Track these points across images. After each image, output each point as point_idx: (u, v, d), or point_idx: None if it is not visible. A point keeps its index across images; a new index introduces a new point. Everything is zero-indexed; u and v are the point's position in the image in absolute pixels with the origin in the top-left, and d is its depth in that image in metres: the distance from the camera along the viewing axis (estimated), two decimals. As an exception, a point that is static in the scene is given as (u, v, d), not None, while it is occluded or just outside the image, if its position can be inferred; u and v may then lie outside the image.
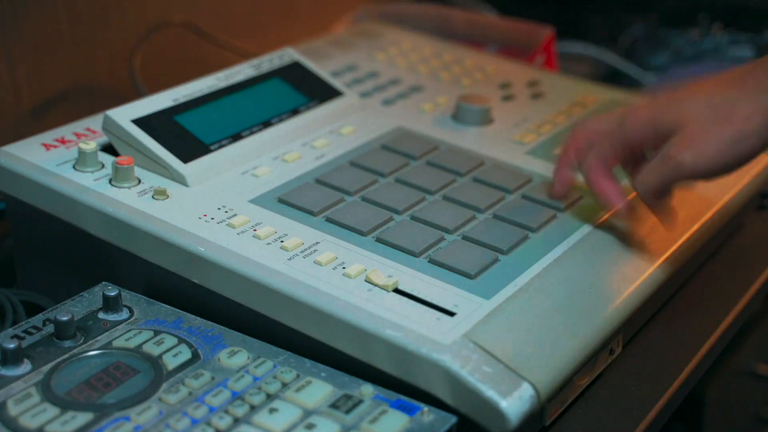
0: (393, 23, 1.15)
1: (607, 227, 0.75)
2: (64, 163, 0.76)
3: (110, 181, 0.74)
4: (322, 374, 0.63)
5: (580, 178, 0.75)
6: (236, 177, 0.77)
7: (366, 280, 0.66)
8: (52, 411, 0.58)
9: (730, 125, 0.65)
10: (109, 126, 0.77)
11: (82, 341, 0.64)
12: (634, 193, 0.72)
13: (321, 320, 0.65)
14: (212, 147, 0.78)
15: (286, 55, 0.90)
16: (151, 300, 0.69)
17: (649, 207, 0.72)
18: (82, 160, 0.75)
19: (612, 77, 1.27)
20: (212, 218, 0.72)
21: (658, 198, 0.71)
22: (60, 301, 0.69)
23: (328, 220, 0.73)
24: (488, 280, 0.68)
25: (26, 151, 0.77)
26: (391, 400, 0.61)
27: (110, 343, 0.64)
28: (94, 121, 0.81)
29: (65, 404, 0.58)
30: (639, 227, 0.76)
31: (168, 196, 0.73)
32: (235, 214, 0.72)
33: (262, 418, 0.58)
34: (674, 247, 0.75)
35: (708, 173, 0.67)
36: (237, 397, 0.60)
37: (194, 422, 0.58)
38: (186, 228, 0.70)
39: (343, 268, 0.68)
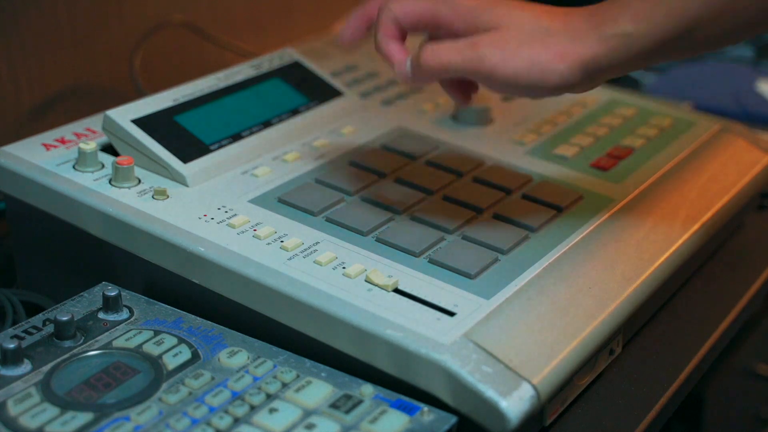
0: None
1: (607, 227, 0.75)
2: (64, 163, 0.76)
3: (110, 181, 0.74)
4: (322, 374, 0.63)
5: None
6: (236, 177, 0.77)
7: (366, 280, 0.66)
8: (52, 411, 0.58)
9: (546, 52, 0.63)
10: (109, 126, 0.77)
11: (82, 341, 0.64)
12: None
13: (321, 320, 0.65)
14: (212, 147, 0.78)
15: (286, 55, 0.90)
16: (151, 300, 0.69)
17: (422, 79, 0.68)
18: (82, 160, 0.75)
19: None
20: (212, 218, 0.72)
21: (436, 78, 0.68)
22: (60, 301, 0.69)
23: (328, 220, 0.73)
24: (488, 280, 0.68)
25: (26, 151, 0.77)
26: (391, 400, 0.61)
27: (110, 343, 0.64)
28: (94, 121, 0.81)
29: (65, 404, 0.59)
30: (639, 227, 0.76)
31: (168, 196, 0.73)
32: (235, 214, 0.72)
33: (262, 418, 0.58)
34: (674, 247, 0.75)
35: (504, 83, 0.64)
36: (237, 397, 0.60)
37: (194, 422, 0.58)
38: (186, 228, 0.70)
39: (343, 268, 0.68)
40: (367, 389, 0.61)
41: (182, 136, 0.77)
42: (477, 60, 0.64)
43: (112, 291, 0.67)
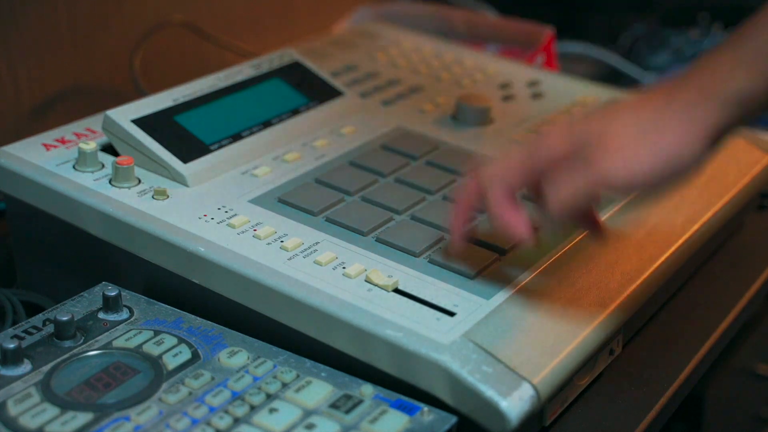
0: (393, 23, 1.15)
1: (607, 227, 0.75)
2: (64, 163, 0.76)
3: (110, 181, 0.74)
4: (322, 374, 0.63)
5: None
6: (236, 177, 0.77)
7: (366, 280, 0.66)
8: (52, 411, 0.58)
9: (663, 140, 0.59)
10: (109, 126, 0.77)
11: (82, 341, 0.64)
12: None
13: (321, 320, 0.65)
14: (212, 147, 0.78)
15: (286, 55, 0.90)
16: (151, 300, 0.69)
17: (567, 223, 0.65)
18: (82, 160, 0.75)
19: (612, 77, 1.27)
20: (212, 218, 0.72)
21: (575, 215, 0.64)
22: (60, 301, 0.69)
23: (328, 220, 0.73)
24: (488, 280, 0.68)
25: (26, 151, 0.77)
26: (391, 400, 0.61)
27: (110, 343, 0.64)
28: (94, 121, 0.81)
29: (65, 404, 0.58)
30: (639, 227, 0.76)
31: (168, 196, 0.73)
32: (235, 214, 0.72)
33: (262, 418, 0.58)
34: (674, 247, 0.75)
35: (636, 186, 0.61)
36: (237, 397, 0.60)
37: (194, 422, 0.58)
38: (186, 228, 0.70)
39: (343, 268, 0.68)
40: (367, 389, 0.61)
41: (182, 136, 0.77)
42: (600, 177, 0.60)
43: (112, 291, 0.67)
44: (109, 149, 0.78)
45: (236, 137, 0.80)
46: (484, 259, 0.70)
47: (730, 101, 0.59)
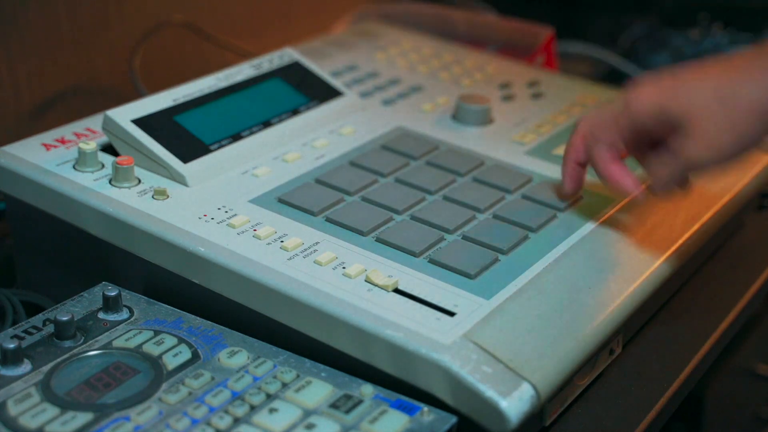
0: (393, 23, 1.15)
1: (607, 227, 0.75)
2: (64, 163, 0.76)
3: (110, 181, 0.74)
4: (322, 374, 0.63)
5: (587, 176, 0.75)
6: (236, 177, 0.77)
7: (366, 280, 0.66)
8: (52, 411, 0.58)
9: (739, 113, 0.64)
10: (109, 126, 0.77)
11: (82, 341, 0.64)
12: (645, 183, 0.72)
13: (321, 320, 0.65)
14: (212, 147, 0.78)
15: (286, 55, 0.90)
16: (151, 300, 0.69)
17: (666, 197, 0.73)
18: (82, 160, 0.75)
19: (612, 77, 1.27)
20: (212, 218, 0.72)
21: (672, 189, 0.70)
22: (60, 301, 0.69)
23: (328, 220, 0.73)
24: (488, 280, 0.68)
25: (26, 151, 0.77)
26: (391, 400, 0.61)
27: (110, 343, 0.64)
28: (94, 121, 0.81)
29: (65, 404, 0.58)
30: (639, 227, 0.76)
31: (168, 196, 0.73)
32: (235, 214, 0.72)
33: (262, 418, 0.58)
34: (674, 247, 0.75)
35: (720, 164, 0.67)
36: (237, 397, 0.60)
37: (194, 422, 0.58)
38: (186, 228, 0.70)
39: (343, 268, 0.68)
40: (367, 389, 0.61)
41: (182, 136, 0.77)
42: (687, 164, 0.67)
43: (112, 291, 0.67)
44: (109, 149, 0.78)
45: (236, 137, 0.80)
46: (485, 258, 0.70)
47: None
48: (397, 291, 0.66)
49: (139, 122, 0.77)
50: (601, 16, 1.46)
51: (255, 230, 0.71)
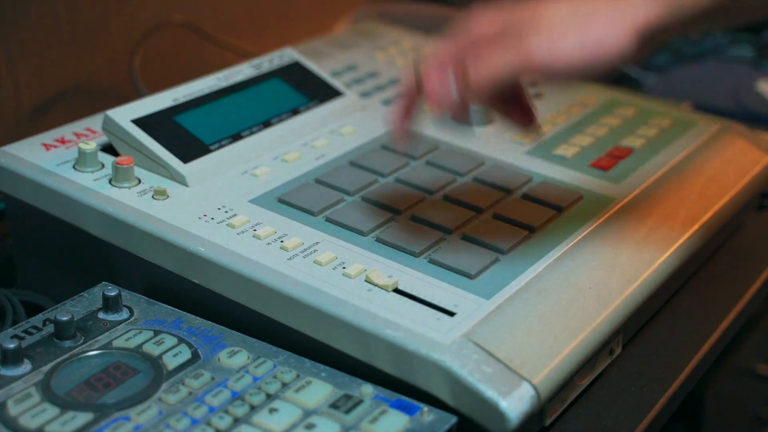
0: (393, 23, 1.15)
1: (607, 227, 0.75)
2: (64, 163, 0.76)
3: (110, 181, 0.74)
4: (322, 374, 0.63)
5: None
6: (236, 177, 0.77)
7: (366, 280, 0.66)
8: (52, 411, 0.58)
9: (591, 27, 0.61)
10: (109, 126, 0.77)
11: (82, 341, 0.64)
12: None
13: (321, 320, 0.65)
14: (212, 147, 0.78)
15: (286, 55, 0.90)
16: (151, 300, 0.69)
17: (489, 105, 0.66)
18: (82, 160, 0.75)
19: (612, 77, 1.27)
20: (212, 218, 0.72)
21: (494, 92, 0.63)
22: (60, 301, 0.69)
23: (328, 220, 0.73)
24: (488, 280, 0.68)
25: (26, 151, 0.77)
26: (391, 400, 0.61)
27: (110, 343, 0.64)
28: (94, 121, 0.81)
29: (65, 404, 0.58)
30: (639, 227, 0.76)
31: (168, 196, 0.73)
32: (235, 214, 0.72)
33: (262, 418, 0.58)
34: (674, 247, 0.75)
35: (560, 69, 0.61)
36: (237, 397, 0.60)
37: (194, 422, 0.58)
38: (186, 228, 0.70)
39: (343, 268, 0.68)
40: (367, 389, 0.61)
41: (182, 136, 0.77)
42: (525, 53, 0.61)
43: (112, 291, 0.67)
44: (109, 149, 0.78)
45: (236, 137, 0.80)
46: (485, 258, 0.70)
47: (662, 4, 0.61)
48: (397, 291, 0.66)
49: (139, 122, 0.77)
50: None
51: (255, 230, 0.71)
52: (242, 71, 0.86)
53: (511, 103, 0.69)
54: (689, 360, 0.74)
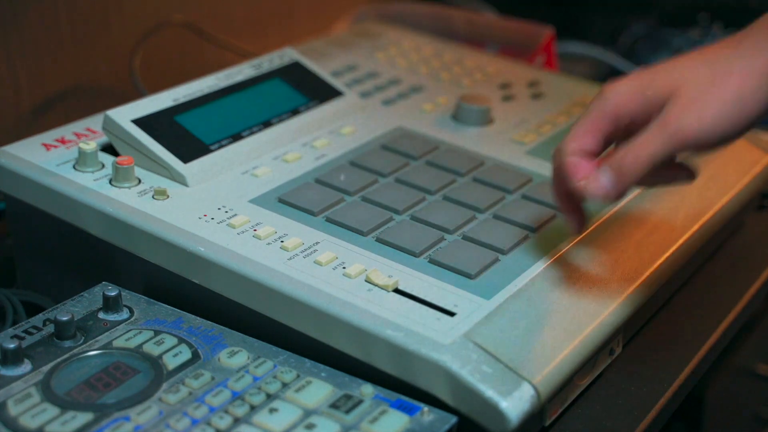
0: (393, 23, 1.15)
1: (607, 227, 0.75)
2: (64, 163, 0.76)
3: (110, 181, 0.74)
4: (322, 374, 0.63)
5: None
6: (236, 177, 0.77)
7: (366, 280, 0.66)
8: (52, 411, 0.58)
9: (730, 84, 0.60)
10: (109, 126, 0.77)
11: (82, 341, 0.64)
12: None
13: (321, 320, 0.65)
14: (212, 147, 0.78)
15: (286, 55, 0.90)
16: (151, 300, 0.69)
17: (646, 185, 0.65)
18: (82, 160, 0.75)
19: (612, 77, 1.27)
20: (212, 218, 0.72)
21: (654, 173, 0.62)
22: (60, 301, 0.69)
23: (328, 220, 0.73)
24: (488, 280, 0.68)
25: (26, 151, 0.77)
26: (391, 400, 0.61)
27: (110, 343, 0.64)
28: (94, 121, 0.81)
29: (65, 404, 0.58)
30: (639, 227, 0.76)
31: (168, 196, 0.73)
32: (235, 214, 0.72)
33: (262, 418, 0.58)
34: (674, 247, 0.75)
35: (711, 139, 0.60)
36: (237, 397, 0.60)
37: (194, 422, 0.58)
38: (186, 228, 0.70)
39: (343, 268, 0.68)
40: (367, 389, 0.61)
41: (182, 136, 0.77)
42: (676, 134, 0.60)
43: (112, 291, 0.67)
44: (109, 149, 0.78)
45: (236, 137, 0.80)
46: (485, 258, 0.70)
47: None
48: (397, 291, 0.66)
49: (139, 122, 0.77)
50: (601, 16, 1.46)
51: (255, 230, 0.71)
52: (242, 71, 0.86)
53: (665, 167, 0.66)
54: (689, 360, 0.74)
